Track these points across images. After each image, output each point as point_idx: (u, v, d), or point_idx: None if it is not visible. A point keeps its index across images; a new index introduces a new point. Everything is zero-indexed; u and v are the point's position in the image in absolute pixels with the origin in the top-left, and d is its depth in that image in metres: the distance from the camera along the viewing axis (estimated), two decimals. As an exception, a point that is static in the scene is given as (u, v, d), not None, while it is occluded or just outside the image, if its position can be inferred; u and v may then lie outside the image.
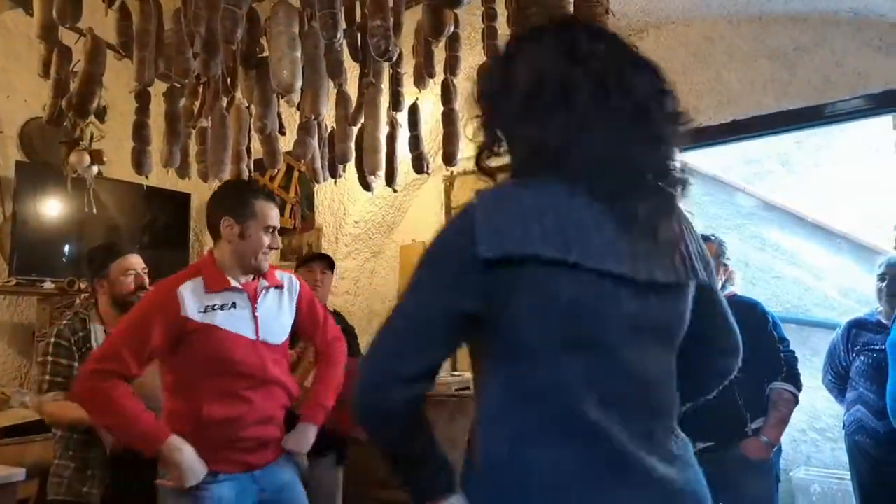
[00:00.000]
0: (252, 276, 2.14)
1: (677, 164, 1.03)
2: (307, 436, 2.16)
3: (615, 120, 0.98)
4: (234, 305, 2.05)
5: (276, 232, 2.15)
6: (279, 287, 2.19)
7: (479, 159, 1.10)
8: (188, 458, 1.91)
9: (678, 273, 1.03)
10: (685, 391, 1.09)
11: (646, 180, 1.01)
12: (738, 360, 1.22)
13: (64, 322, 2.48)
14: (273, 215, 2.13)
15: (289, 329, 2.20)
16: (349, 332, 2.92)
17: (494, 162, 1.11)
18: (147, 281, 2.53)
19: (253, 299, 2.10)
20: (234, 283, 2.08)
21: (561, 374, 0.96)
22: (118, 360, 1.92)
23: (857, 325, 3.00)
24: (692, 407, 1.16)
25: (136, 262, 2.52)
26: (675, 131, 1.03)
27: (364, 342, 2.83)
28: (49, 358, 2.38)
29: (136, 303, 2.47)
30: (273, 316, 2.14)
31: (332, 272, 3.31)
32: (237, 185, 2.40)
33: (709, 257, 1.13)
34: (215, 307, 2.02)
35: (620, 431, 0.96)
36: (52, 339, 2.41)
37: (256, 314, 2.08)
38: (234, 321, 2.03)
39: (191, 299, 2.00)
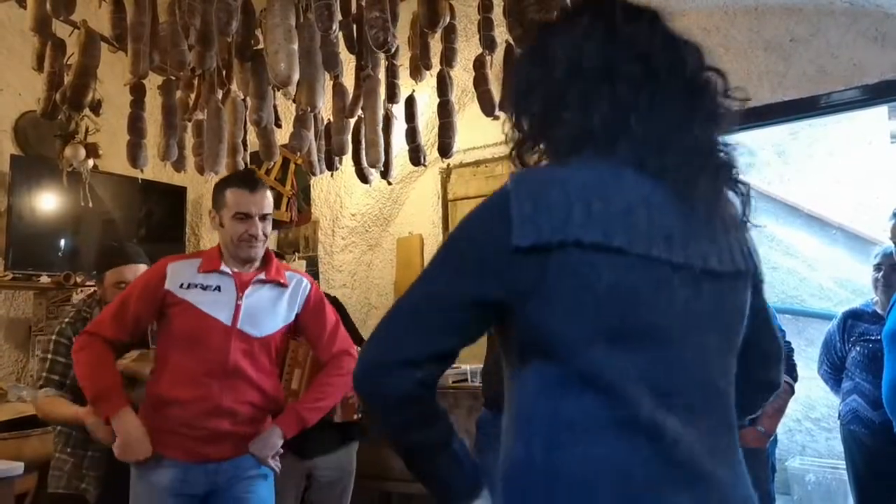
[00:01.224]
0: (249, 267, 2.13)
1: (731, 146, 0.97)
2: (270, 441, 2.07)
3: (665, 97, 0.93)
4: (217, 289, 2.07)
5: (260, 219, 2.09)
6: (282, 285, 2.16)
7: (519, 154, 1.03)
8: (129, 433, 1.96)
9: (735, 261, 0.94)
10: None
11: (700, 158, 0.93)
12: (781, 371, 1.12)
13: (66, 320, 2.47)
14: (244, 202, 2.07)
15: (280, 327, 2.15)
16: (348, 322, 2.90)
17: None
18: None
19: (241, 287, 2.09)
20: (224, 268, 2.09)
21: (605, 367, 0.86)
22: (102, 323, 2.06)
23: (853, 316, 3.01)
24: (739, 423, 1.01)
25: (131, 274, 2.41)
26: (727, 108, 0.97)
27: (362, 335, 2.83)
28: (49, 355, 2.38)
29: None
30: (261, 308, 2.11)
31: None
32: (225, 176, 2.38)
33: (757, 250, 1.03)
34: (197, 286, 2.06)
35: (680, 431, 0.86)
36: (54, 337, 2.41)
37: (240, 302, 2.07)
38: (212, 304, 2.05)
39: (175, 274, 2.06)
